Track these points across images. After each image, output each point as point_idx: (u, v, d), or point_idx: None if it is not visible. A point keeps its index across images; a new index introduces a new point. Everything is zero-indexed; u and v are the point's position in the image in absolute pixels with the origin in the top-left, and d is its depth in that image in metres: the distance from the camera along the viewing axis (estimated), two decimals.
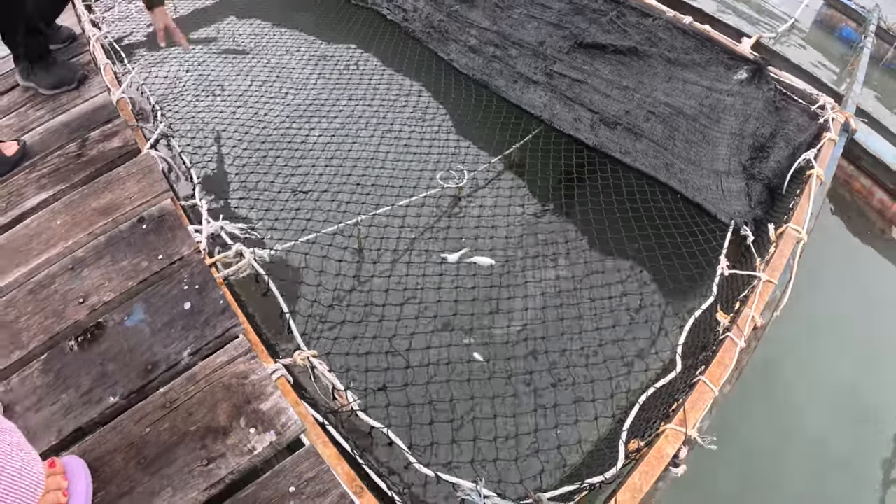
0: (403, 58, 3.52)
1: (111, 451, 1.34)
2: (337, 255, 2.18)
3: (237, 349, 1.42)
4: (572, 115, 2.84)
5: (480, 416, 1.74)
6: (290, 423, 1.28)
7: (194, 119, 2.92)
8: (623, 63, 3.10)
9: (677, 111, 2.88)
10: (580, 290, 2.15)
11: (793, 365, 2.39)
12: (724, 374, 1.68)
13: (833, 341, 2.58)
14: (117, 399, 1.42)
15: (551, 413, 1.77)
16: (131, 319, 1.54)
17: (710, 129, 2.84)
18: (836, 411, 2.31)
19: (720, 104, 2.99)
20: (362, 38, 3.72)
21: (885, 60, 5.86)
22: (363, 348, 1.87)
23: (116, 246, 1.77)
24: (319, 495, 1.20)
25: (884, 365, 2.55)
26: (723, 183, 2.56)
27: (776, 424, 2.21)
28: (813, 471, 2.11)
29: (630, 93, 2.93)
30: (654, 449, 1.48)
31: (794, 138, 2.99)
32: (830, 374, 2.44)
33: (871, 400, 2.37)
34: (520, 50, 3.25)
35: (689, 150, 2.70)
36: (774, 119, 3.06)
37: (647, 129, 2.77)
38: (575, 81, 3.02)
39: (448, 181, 2.48)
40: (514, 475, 1.60)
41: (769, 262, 2.12)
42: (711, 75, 3.15)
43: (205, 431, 1.30)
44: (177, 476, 1.26)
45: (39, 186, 2.17)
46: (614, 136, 2.73)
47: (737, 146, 2.81)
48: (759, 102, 3.06)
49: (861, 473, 2.16)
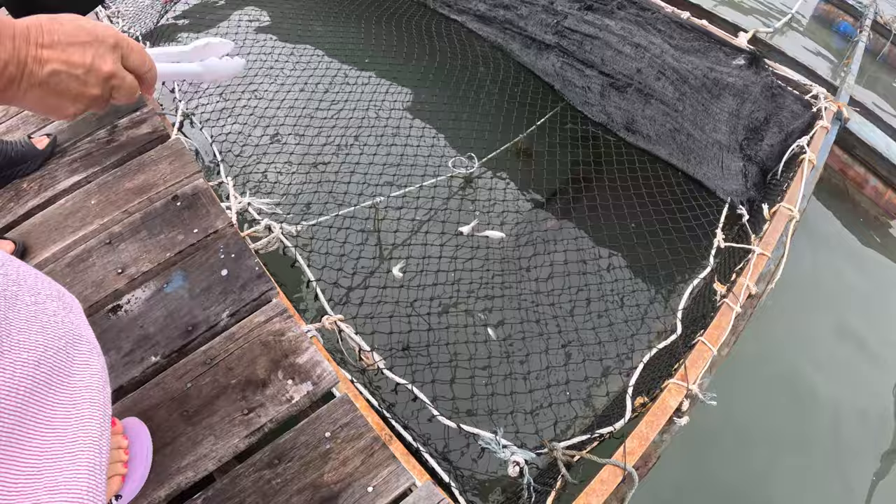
0: (423, 37, 3.55)
1: (154, 405, 1.44)
2: (359, 230, 2.28)
3: (273, 310, 1.52)
4: (582, 83, 2.92)
5: (497, 373, 1.85)
6: (325, 375, 1.38)
7: (217, 104, 3.00)
8: (634, 21, 3.20)
9: (683, 79, 2.97)
10: (588, 262, 2.26)
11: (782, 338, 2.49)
12: (722, 336, 1.79)
13: (824, 324, 2.68)
14: (159, 359, 1.52)
15: (562, 371, 1.87)
16: (171, 286, 1.64)
17: (711, 105, 2.94)
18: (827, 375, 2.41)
19: (722, 81, 3.08)
20: (380, 18, 3.77)
21: (881, 54, 5.93)
22: (386, 312, 1.98)
23: (152, 222, 1.87)
24: (354, 439, 1.30)
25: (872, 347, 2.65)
26: (723, 159, 2.66)
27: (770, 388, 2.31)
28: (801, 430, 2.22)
29: (641, 51, 3.01)
30: (659, 402, 1.58)
31: (788, 125, 3.09)
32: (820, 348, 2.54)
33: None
34: (530, 8, 3.35)
35: (696, 115, 2.80)
36: (770, 105, 3.15)
37: (658, 90, 2.85)
38: (586, 37, 3.11)
39: (459, 167, 2.59)
40: (530, 427, 1.71)
41: (763, 237, 2.22)
42: (712, 59, 3.25)
43: (245, 384, 1.40)
44: (218, 425, 1.36)
45: (71, 170, 2.26)
46: (623, 102, 2.81)
47: (733, 125, 2.91)
48: (756, 87, 3.15)
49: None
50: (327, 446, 1.30)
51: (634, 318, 2.05)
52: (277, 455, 1.31)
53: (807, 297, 2.72)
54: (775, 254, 2.20)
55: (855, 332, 2.62)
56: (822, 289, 2.86)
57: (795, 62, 4.24)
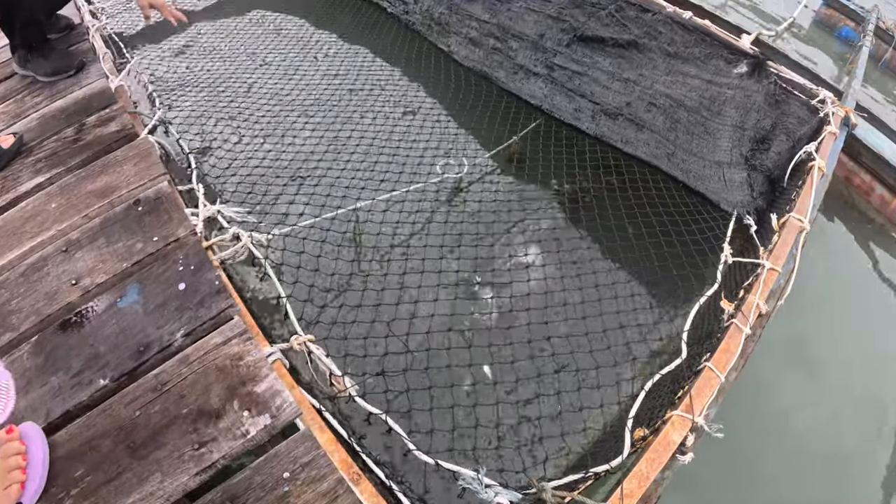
0: (403, 50, 3.48)
1: (99, 434, 1.27)
2: (335, 241, 2.12)
3: (232, 330, 1.35)
4: (573, 106, 2.78)
5: (482, 402, 1.67)
6: (285, 406, 1.21)
7: (192, 106, 2.85)
8: (623, 56, 3.04)
9: (678, 103, 2.82)
10: (583, 276, 2.09)
11: (792, 353, 2.33)
12: (730, 361, 1.62)
13: (830, 336, 2.52)
14: (107, 382, 1.35)
15: (555, 400, 1.70)
16: (124, 300, 1.48)
17: (711, 122, 2.78)
18: (833, 403, 2.25)
19: (721, 96, 2.93)
20: (363, 30, 3.66)
21: (883, 60, 5.82)
22: (361, 333, 1.80)
23: (111, 228, 1.70)
24: (315, 481, 1.13)
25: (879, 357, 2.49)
26: (724, 174, 2.50)
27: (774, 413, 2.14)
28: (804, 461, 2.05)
29: (631, 85, 2.87)
30: (661, 436, 1.41)
31: (795, 131, 2.93)
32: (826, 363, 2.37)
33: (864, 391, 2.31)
34: (520, 42, 3.19)
35: (691, 141, 2.64)
36: (775, 112, 3.00)
37: (648, 120, 2.70)
38: (575, 73, 2.95)
39: (448, 170, 2.42)
40: (517, 463, 1.53)
41: (772, 250, 2.06)
42: (711, 69, 3.09)
43: (197, 414, 1.24)
44: (167, 460, 1.20)
45: (35, 170, 2.11)
46: (616, 127, 2.67)
47: (738, 138, 2.75)
48: (759, 95, 3.00)
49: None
50: (285, 489, 1.13)
51: (635, 341, 1.88)
52: (230, 497, 1.14)
53: (808, 310, 2.55)
54: (785, 268, 2.04)
55: (856, 347, 2.46)
56: (825, 301, 2.69)
57: (799, 66, 4.08)
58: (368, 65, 3.34)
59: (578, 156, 2.68)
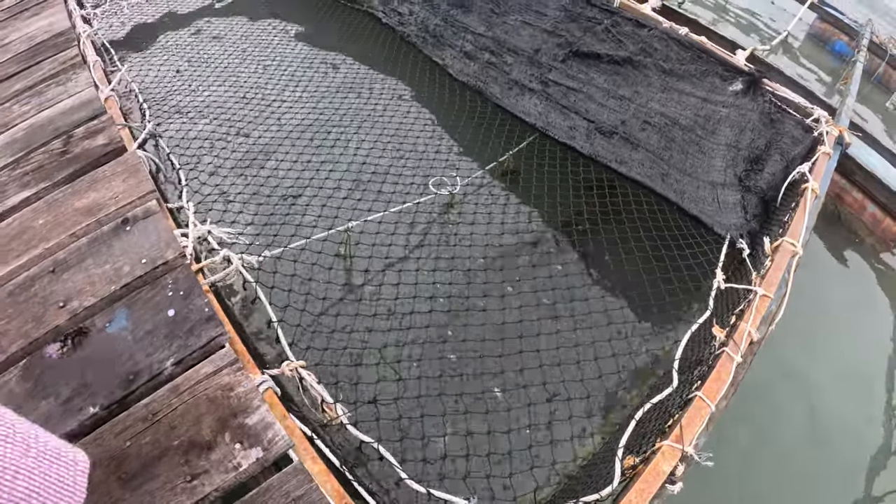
0: (397, 64, 3.52)
1: (92, 464, 1.28)
2: (327, 263, 2.14)
3: (223, 359, 1.37)
4: (567, 124, 2.81)
5: (474, 431, 1.70)
6: (277, 439, 1.23)
7: (184, 121, 2.86)
8: (618, 73, 3.08)
9: (673, 122, 2.86)
10: (575, 303, 2.12)
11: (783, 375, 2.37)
12: (721, 390, 1.65)
13: (822, 357, 2.57)
14: (97, 410, 1.36)
15: (546, 429, 1.72)
16: (113, 326, 1.48)
17: (706, 141, 2.82)
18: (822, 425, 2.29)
19: (715, 115, 2.97)
20: (356, 41, 3.70)
21: (876, 74, 5.89)
22: (353, 359, 1.82)
23: (99, 248, 1.71)
24: None
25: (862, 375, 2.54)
26: (718, 195, 2.55)
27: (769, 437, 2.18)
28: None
29: (626, 102, 2.91)
30: (651, 466, 1.44)
31: (789, 151, 2.97)
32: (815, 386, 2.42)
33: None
34: (515, 57, 3.22)
35: (686, 161, 2.68)
36: (769, 131, 3.04)
37: (643, 139, 2.74)
38: (570, 90, 2.99)
39: (441, 188, 2.45)
40: (509, 493, 1.55)
41: (765, 275, 2.09)
42: (707, 86, 3.13)
43: (188, 446, 1.25)
44: (158, 493, 1.21)
45: (22, 184, 2.11)
46: (610, 146, 2.70)
47: (732, 158, 2.79)
48: (754, 114, 3.04)
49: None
50: None
51: (626, 369, 1.91)
52: None
53: (798, 333, 2.59)
54: (777, 294, 2.07)
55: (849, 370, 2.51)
56: (811, 319, 2.74)
57: (794, 83, 4.14)
58: (361, 80, 3.38)
59: (573, 175, 2.73)
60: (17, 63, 2.93)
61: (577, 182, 2.68)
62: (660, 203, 2.52)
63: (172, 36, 3.66)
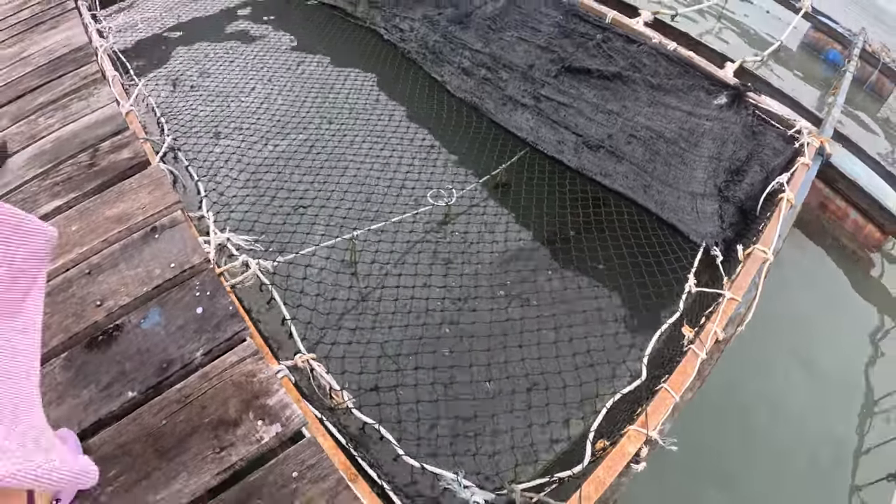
0: (398, 81, 3.79)
1: (131, 440, 1.54)
2: (335, 268, 2.43)
3: (245, 351, 1.63)
4: (557, 138, 3.07)
5: (463, 415, 1.98)
6: (293, 417, 1.50)
7: (200, 135, 3.15)
8: (608, 87, 3.34)
9: (658, 135, 3.12)
10: (558, 304, 2.39)
11: (752, 372, 2.64)
12: (685, 383, 1.91)
13: (804, 356, 2.82)
14: (135, 394, 1.62)
15: (526, 415, 2.00)
16: (147, 322, 1.75)
17: (689, 153, 3.08)
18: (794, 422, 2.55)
19: (699, 128, 3.23)
20: (361, 57, 4.00)
21: (868, 82, 6.10)
22: (357, 353, 2.11)
23: (130, 253, 1.97)
24: (319, 479, 1.42)
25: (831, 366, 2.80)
26: (697, 205, 2.80)
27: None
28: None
29: (613, 117, 3.17)
30: (618, 448, 1.70)
31: (769, 162, 3.22)
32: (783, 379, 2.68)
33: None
34: (510, 73, 3.48)
35: (668, 172, 2.94)
36: (751, 143, 3.29)
37: (628, 152, 3.00)
38: (561, 105, 3.25)
39: (438, 199, 2.72)
40: (492, 468, 1.83)
41: (735, 280, 2.35)
42: (692, 100, 3.39)
43: (217, 423, 1.51)
44: (191, 462, 1.47)
45: (53, 194, 2.36)
46: (596, 159, 2.96)
47: (713, 169, 3.05)
48: (736, 127, 3.30)
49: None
50: (294, 486, 1.41)
51: (601, 363, 2.18)
52: (248, 492, 1.42)
53: (775, 335, 2.85)
54: (746, 297, 2.33)
55: (818, 368, 2.76)
56: (791, 325, 2.99)
57: (781, 94, 4.39)
58: (366, 96, 3.68)
59: (560, 187, 3.01)
60: (38, 76, 3.18)
61: (564, 194, 2.95)
62: (641, 213, 2.78)
63: (185, 51, 3.95)
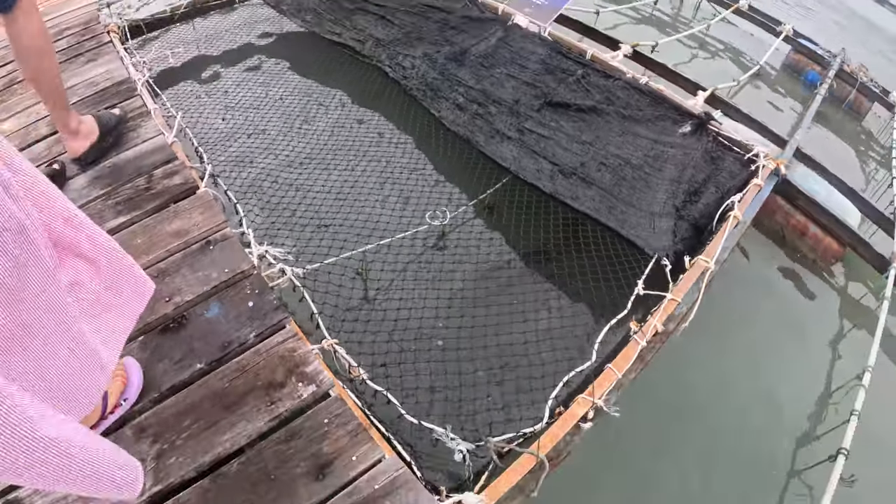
0: (401, 115, 4.48)
1: (199, 399, 2.15)
2: (351, 275, 3.10)
3: (287, 333, 2.25)
4: (536, 167, 3.67)
5: (451, 386, 2.62)
6: (324, 380, 2.11)
7: (234, 163, 3.86)
8: (584, 120, 3.97)
9: (626, 161, 3.73)
10: (532, 303, 3.03)
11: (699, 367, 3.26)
12: (627, 364, 2.51)
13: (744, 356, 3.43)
14: (203, 365, 2.23)
15: (500, 387, 2.64)
16: (210, 312, 2.37)
17: (652, 177, 3.69)
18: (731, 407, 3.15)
19: (664, 155, 3.85)
20: (368, 94, 4.71)
21: (846, 101, 6.63)
22: (369, 340, 2.76)
23: (191, 261, 2.59)
24: (343, 424, 2.03)
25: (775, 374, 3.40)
26: (655, 222, 3.40)
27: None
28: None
29: (587, 147, 3.79)
30: (569, 411, 2.31)
31: (725, 184, 3.82)
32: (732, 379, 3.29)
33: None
34: (498, 108, 4.10)
35: (633, 195, 3.55)
36: (710, 167, 3.89)
37: (597, 178, 3.61)
38: (542, 137, 3.86)
39: (434, 220, 3.36)
40: (472, 426, 2.46)
41: (678, 285, 2.96)
42: (659, 129, 4.01)
43: (268, 385, 2.13)
44: (249, 413, 2.08)
45: (117, 212, 2.97)
46: (568, 185, 3.56)
47: (673, 191, 3.65)
48: (697, 153, 3.90)
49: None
50: (325, 429, 2.02)
51: (564, 349, 2.81)
52: (291, 434, 2.02)
53: (733, 333, 3.46)
54: (687, 298, 2.93)
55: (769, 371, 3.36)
56: (750, 325, 3.60)
57: (749, 118, 5.03)
58: (374, 129, 4.35)
59: (536, 209, 3.67)
60: (86, 107, 3.75)
61: (541, 215, 3.60)
62: (606, 231, 3.39)
63: (212, 83, 4.61)
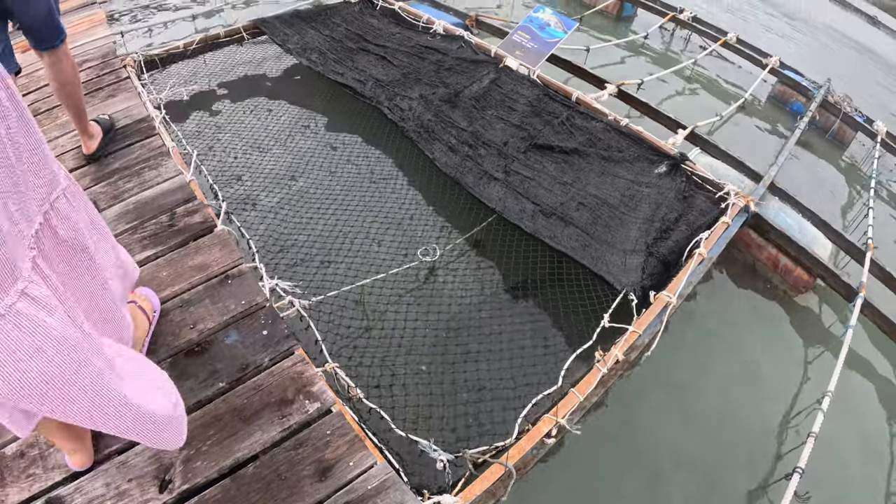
0: (398, 157, 5.00)
1: (222, 413, 2.64)
2: (351, 306, 3.59)
3: (296, 358, 2.75)
4: (519, 207, 4.13)
5: (437, 405, 3.12)
6: (328, 399, 2.61)
7: (248, 202, 4.36)
8: (566, 161, 4.47)
9: (603, 201, 4.22)
10: (510, 332, 3.54)
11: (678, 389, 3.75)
12: (589, 389, 3.00)
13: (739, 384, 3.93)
14: (224, 384, 2.72)
15: (477, 408, 3.14)
16: (229, 339, 2.87)
17: (627, 216, 4.18)
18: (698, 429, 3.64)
19: (639, 194, 4.34)
20: (371, 135, 5.24)
21: (830, 131, 7.10)
22: (365, 363, 3.26)
23: (211, 293, 3.09)
24: (343, 435, 2.52)
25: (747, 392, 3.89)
26: (626, 259, 3.88)
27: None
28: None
29: (567, 187, 4.28)
30: (535, 428, 2.80)
31: (695, 222, 4.29)
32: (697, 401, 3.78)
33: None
34: (487, 149, 4.57)
35: (608, 233, 4.02)
36: (682, 206, 4.37)
37: (575, 218, 4.07)
38: (526, 178, 4.33)
39: (426, 255, 3.88)
40: (452, 440, 2.96)
41: (641, 318, 3.45)
42: (636, 169, 4.50)
43: (280, 402, 2.62)
44: (264, 425, 2.57)
45: (143, 246, 3.45)
46: (548, 224, 4.03)
47: (646, 229, 4.11)
48: (671, 192, 4.38)
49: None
50: (327, 439, 2.51)
51: (534, 374, 3.31)
52: (298, 443, 2.52)
53: (700, 362, 3.96)
54: (649, 330, 3.42)
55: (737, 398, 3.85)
56: (715, 355, 4.09)
57: (727, 155, 5.53)
58: (372, 170, 4.86)
59: (518, 246, 4.19)
60: (110, 142, 4.30)
61: (522, 252, 4.11)
62: (580, 268, 3.89)
63: (223, 120, 5.10)
